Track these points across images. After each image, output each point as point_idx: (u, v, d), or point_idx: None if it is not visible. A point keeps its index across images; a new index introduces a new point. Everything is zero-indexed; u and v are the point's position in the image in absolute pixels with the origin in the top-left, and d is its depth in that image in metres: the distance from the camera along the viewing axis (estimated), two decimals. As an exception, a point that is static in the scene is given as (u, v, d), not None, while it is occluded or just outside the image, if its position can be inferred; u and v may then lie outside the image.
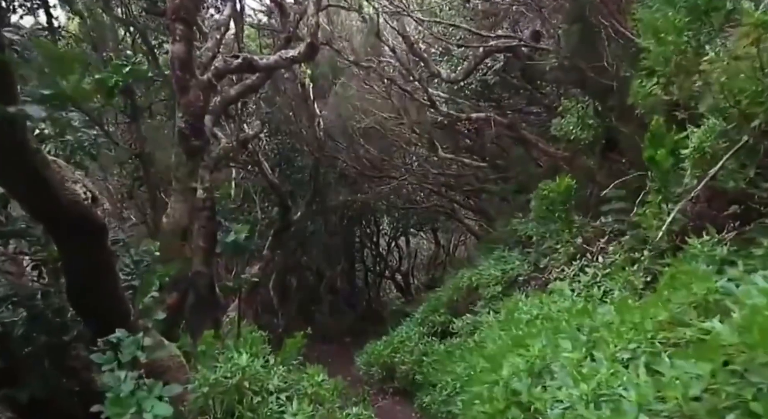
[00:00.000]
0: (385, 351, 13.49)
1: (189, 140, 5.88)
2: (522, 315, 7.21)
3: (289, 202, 15.26)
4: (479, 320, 10.30)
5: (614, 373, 3.78)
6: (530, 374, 4.54)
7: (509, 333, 6.96)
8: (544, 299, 7.23)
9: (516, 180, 11.60)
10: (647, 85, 5.68)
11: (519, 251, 11.97)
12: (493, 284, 11.38)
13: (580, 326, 5.20)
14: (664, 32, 5.57)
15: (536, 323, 6.80)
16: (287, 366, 7.66)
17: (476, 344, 8.43)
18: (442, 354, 10.63)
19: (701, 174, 4.75)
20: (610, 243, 7.56)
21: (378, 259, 26.35)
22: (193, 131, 5.87)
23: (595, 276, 7.29)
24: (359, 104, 14.17)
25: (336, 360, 17.69)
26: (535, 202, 8.62)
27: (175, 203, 5.91)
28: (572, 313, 5.89)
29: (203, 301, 6.84)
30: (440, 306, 13.21)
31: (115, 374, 4.80)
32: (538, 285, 9.76)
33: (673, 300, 4.11)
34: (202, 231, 6.85)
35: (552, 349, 4.75)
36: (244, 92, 8.42)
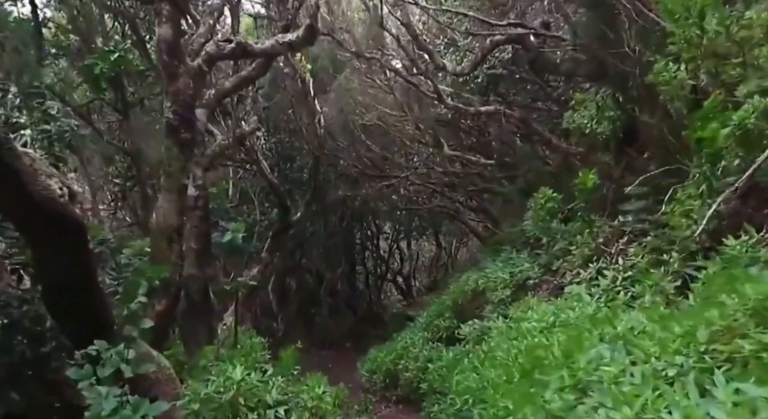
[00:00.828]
0: (388, 357, 13.03)
1: (178, 132, 5.40)
2: (536, 323, 6.73)
3: (289, 203, 14.78)
4: (488, 325, 9.80)
5: (660, 394, 3.29)
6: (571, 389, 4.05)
7: (523, 341, 6.49)
8: (561, 304, 6.74)
9: (524, 178, 11.12)
10: (672, 70, 5.19)
11: (527, 253, 11.48)
12: (500, 287, 10.89)
13: (606, 335, 4.71)
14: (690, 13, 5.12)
15: (553, 331, 6.34)
16: (286, 377, 7.19)
17: (486, 353, 7.93)
18: (449, 361, 10.13)
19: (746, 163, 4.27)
20: (631, 244, 7.08)
21: (379, 261, 25.88)
22: (182, 122, 5.39)
23: (615, 279, 6.81)
24: (361, 98, 13.70)
25: (336, 366, 17.22)
26: (533, 211, 8.17)
27: (164, 201, 5.44)
28: (595, 320, 5.41)
29: (196, 307, 6.36)
30: (445, 310, 12.73)
31: (96, 390, 4.31)
32: (550, 289, 9.28)
33: (723, 307, 3.63)
34: (194, 232, 6.36)
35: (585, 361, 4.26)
36: (240, 84, 7.94)
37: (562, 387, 4.21)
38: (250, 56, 7.02)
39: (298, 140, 16.66)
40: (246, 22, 14.33)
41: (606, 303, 6.52)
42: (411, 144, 15.44)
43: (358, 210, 21.98)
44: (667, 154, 6.26)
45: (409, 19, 9.44)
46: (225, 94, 7.96)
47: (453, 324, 11.93)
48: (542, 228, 8.56)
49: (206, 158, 8.69)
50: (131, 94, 10.81)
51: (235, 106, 10.26)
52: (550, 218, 8.02)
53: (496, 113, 9.25)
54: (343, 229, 22.84)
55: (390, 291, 28.92)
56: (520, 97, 12.02)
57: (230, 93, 8.13)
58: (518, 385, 5.16)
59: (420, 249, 29.58)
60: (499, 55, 11.51)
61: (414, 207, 21.19)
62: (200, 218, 6.37)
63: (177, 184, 5.44)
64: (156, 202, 7.21)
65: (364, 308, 24.27)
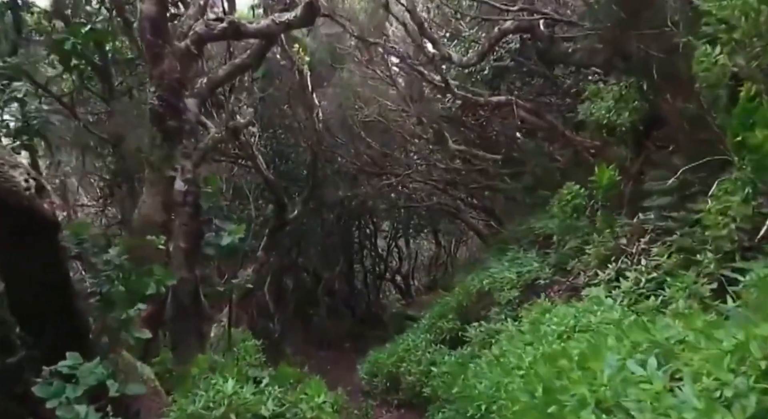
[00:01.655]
0: (389, 359, 12.58)
1: (163, 120, 4.90)
2: (552, 327, 6.25)
3: (285, 200, 14.26)
4: (495, 328, 9.34)
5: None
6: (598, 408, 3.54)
7: (539, 346, 6.01)
8: (581, 308, 6.25)
9: (532, 174, 10.63)
10: (712, 54, 4.70)
11: (535, 252, 11.03)
12: (507, 288, 10.45)
13: (638, 345, 4.22)
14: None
15: (572, 337, 5.87)
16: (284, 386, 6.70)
17: (497, 358, 7.43)
18: (454, 365, 9.66)
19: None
20: (653, 244, 6.60)
21: (377, 260, 25.39)
22: (168, 108, 4.89)
23: (638, 281, 6.33)
24: (360, 90, 13.19)
25: (335, 368, 16.78)
26: (557, 207, 7.68)
27: (148, 195, 4.94)
28: (623, 327, 4.92)
29: (186, 311, 5.87)
30: (448, 311, 12.27)
31: (74, 410, 3.80)
32: (562, 291, 8.81)
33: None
34: (183, 230, 5.86)
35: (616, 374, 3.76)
36: (234, 72, 7.44)
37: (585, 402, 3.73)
38: (243, 37, 6.52)
39: (295, 136, 16.15)
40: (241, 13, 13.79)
41: (629, 307, 6.07)
42: (412, 140, 14.92)
43: (356, 209, 21.48)
44: (697, 147, 5.78)
45: (413, 5, 8.95)
46: (218, 83, 7.45)
47: (457, 326, 11.51)
48: (567, 226, 8.05)
49: (198, 151, 8.17)
50: (119, 84, 10.26)
51: (228, 96, 9.73)
52: (577, 216, 7.53)
53: (507, 103, 8.77)
54: (341, 228, 22.33)
55: (389, 290, 28.48)
56: (527, 90, 11.52)
57: (223, 82, 7.62)
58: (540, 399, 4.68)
59: (419, 248, 29.16)
60: (506, 46, 11.03)
61: (413, 205, 20.72)
62: (189, 215, 5.85)
63: (162, 177, 4.94)
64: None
65: (362, 308, 23.79)
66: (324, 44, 13.95)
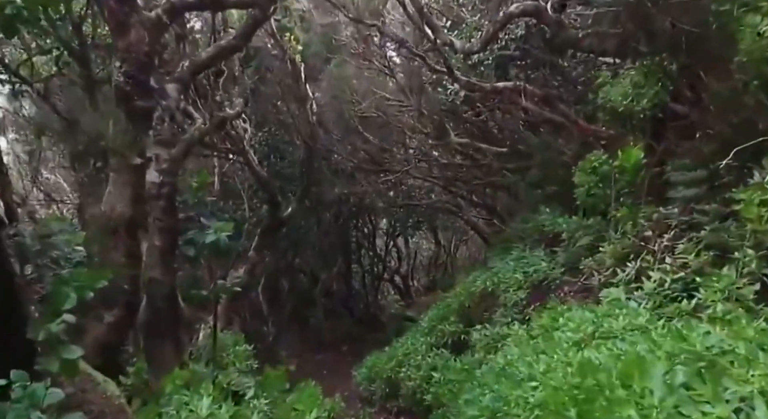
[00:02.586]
0: (387, 364, 12.01)
1: (130, 99, 4.30)
2: (568, 333, 5.64)
3: (279, 198, 13.65)
4: (501, 332, 8.75)
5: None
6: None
7: (554, 355, 5.40)
8: (600, 311, 5.65)
9: (539, 168, 10.03)
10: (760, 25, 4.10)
11: (542, 250, 10.44)
12: (513, 289, 9.87)
13: (676, 355, 3.63)
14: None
15: (591, 344, 5.27)
16: (272, 398, 6.09)
17: (506, 366, 6.82)
18: (458, 371, 9.07)
19: None
20: (679, 240, 6.00)
21: (376, 260, 24.78)
22: (135, 86, 4.29)
23: (663, 282, 5.73)
24: (357, 82, 12.57)
25: (332, 372, 16.24)
26: (581, 177, 7.05)
27: (114, 186, 4.34)
28: (652, 335, 4.33)
29: (161, 317, 5.27)
30: (450, 313, 11.69)
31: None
32: (574, 292, 8.22)
33: None
34: (158, 226, 5.24)
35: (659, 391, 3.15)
36: (218, 55, 6.83)
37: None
38: (224, 6, 5.93)
39: (290, 133, 15.54)
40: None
41: (653, 310, 5.47)
42: (411, 135, 14.29)
43: (354, 207, 20.91)
44: (730, 133, 5.19)
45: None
46: (201, 67, 6.84)
47: (459, 329, 10.95)
48: (596, 197, 7.44)
49: (182, 143, 7.55)
50: (100, 71, 9.60)
51: (213, 83, 9.11)
52: (604, 185, 6.92)
53: (515, 89, 8.17)
54: (338, 227, 21.73)
55: (387, 291, 27.89)
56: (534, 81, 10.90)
57: (207, 65, 7.02)
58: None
59: (418, 248, 28.59)
60: (510, 34, 10.43)
61: (413, 203, 20.13)
62: (165, 210, 5.23)
63: (128, 164, 4.34)
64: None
65: (360, 309, 23.19)
66: (318, 35, 13.33)
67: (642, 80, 6.95)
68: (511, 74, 10.67)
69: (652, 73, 6.78)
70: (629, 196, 7.62)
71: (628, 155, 6.01)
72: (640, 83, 6.91)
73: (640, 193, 7.25)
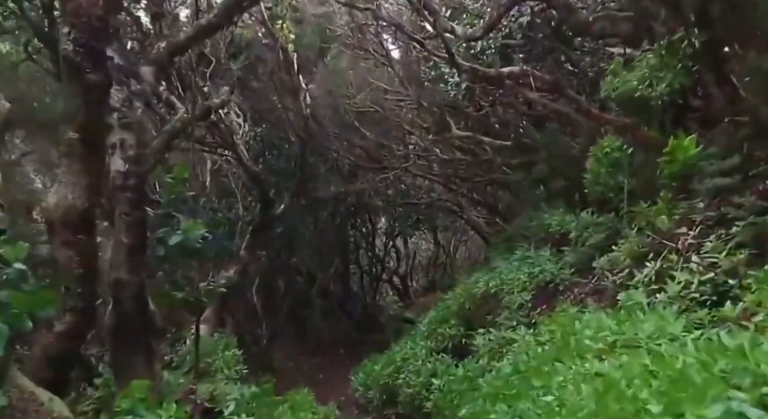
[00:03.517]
0: (385, 369, 11.47)
1: (80, 71, 3.71)
2: (587, 341, 5.06)
3: (272, 195, 13.06)
4: (507, 337, 8.17)
5: None
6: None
7: (571, 366, 4.82)
8: (620, 317, 5.06)
9: (546, 163, 9.46)
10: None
11: (549, 250, 9.88)
12: (518, 290, 9.33)
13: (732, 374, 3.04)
14: None
15: (613, 354, 4.69)
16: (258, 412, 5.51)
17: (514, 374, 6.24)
18: (460, 378, 8.51)
19: None
20: (705, 238, 5.43)
21: (374, 261, 24.21)
22: (87, 57, 3.70)
23: (689, 284, 5.16)
24: (352, 74, 11.99)
25: (329, 376, 15.70)
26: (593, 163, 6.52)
27: (67, 173, 3.77)
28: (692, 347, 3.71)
29: (129, 323, 4.69)
30: (450, 316, 11.14)
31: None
32: (584, 294, 7.65)
33: None
34: (125, 222, 4.65)
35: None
36: (199, 35, 6.23)
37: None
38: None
39: (284, 127, 14.94)
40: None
41: (679, 316, 4.89)
42: (411, 129, 13.70)
43: (352, 206, 20.37)
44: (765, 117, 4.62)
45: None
46: (180, 48, 6.25)
47: (460, 333, 10.42)
48: (605, 185, 6.90)
49: (164, 134, 6.98)
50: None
51: (196, 69, 8.52)
52: (614, 171, 6.39)
53: (522, 75, 7.60)
54: (336, 226, 21.16)
55: (386, 291, 27.33)
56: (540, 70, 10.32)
57: (187, 46, 6.41)
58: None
59: (417, 248, 28.06)
60: (514, 21, 9.86)
61: (412, 201, 19.59)
62: (132, 203, 4.62)
63: (84, 150, 3.76)
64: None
65: (359, 310, 22.61)
66: (312, 25, 12.75)
67: (659, 63, 6.37)
68: (516, 64, 10.10)
69: (671, 54, 6.20)
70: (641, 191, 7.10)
71: (680, 145, 5.41)
72: (657, 66, 6.33)
73: (656, 187, 6.68)
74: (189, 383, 5.92)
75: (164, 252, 5.48)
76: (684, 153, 5.46)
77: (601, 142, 6.71)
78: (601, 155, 6.59)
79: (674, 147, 5.56)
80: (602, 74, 8.58)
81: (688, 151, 5.47)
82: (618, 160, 6.39)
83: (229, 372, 9.07)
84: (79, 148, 3.75)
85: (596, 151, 6.72)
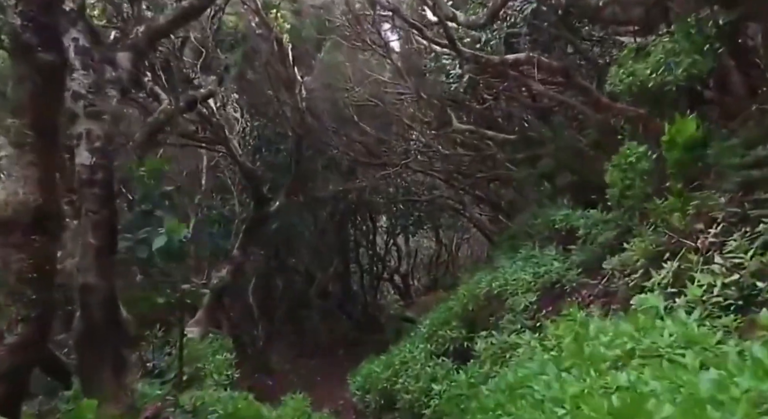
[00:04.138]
0: (383, 373, 11.02)
1: (31, 51, 3.28)
2: (602, 349, 4.61)
3: (265, 191, 12.63)
4: (510, 341, 7.75)
5: None
6: None
7: (586, 377, 4.38)
8: (636, 322, 4.62)
9: (552, 157, 9.01)
10: None
11: (555, 248, 9.45)
12: (522, 291, 8.91)
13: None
14: None
15: (630, 363, 4.27)
16: None
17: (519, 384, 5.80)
18: (461, 385, 8.07)
19: None
20: (728, 236, 4.99)
21: (375, 259, 23.77)
22: (38, 34, 3.27)
23: (711, 286, 4.73)
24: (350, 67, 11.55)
25: (327, 378, 15.29)
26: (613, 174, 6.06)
27: (17, 166, 3.35)
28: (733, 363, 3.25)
29: (97, 330, 4.27)
30: (452, 317, 10.72)
31: None
32: (593, 296, 7.21)
33: None
34: (92, 221, 4.22)
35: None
36: (179, 19, 5.78)
37: None
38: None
39: (282, 122, 14.51)
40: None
41: (702, 322, 4.45)
42: (411, 123, 13.24)
43: (352, 204, 19.94)
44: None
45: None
46: (160, 33, 5.81)
47: (462, 335, 9.99)
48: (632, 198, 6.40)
49: (145, 126, 6.56)
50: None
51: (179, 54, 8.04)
52: (643, 184, 5.91)
53: (528, 62, 7.15)
54: (336, 224, 20.73)
55: (387, 290, 26.93)
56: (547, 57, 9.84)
57: (167, 31, 5.98)
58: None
59: (419, 247, 27.67)
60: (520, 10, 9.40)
61: (413, 199, 19.17)
62: (100, 200, 4.18)
63: (34, 137, 3.34)
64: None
65: (358, 310, 22.18)
66: (309, 16, 12.30)
67: (676, 47, 5.92)
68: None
69: (690, 37, 5.75)
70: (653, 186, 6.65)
71: (679, 127, 4.95)
72: (674, 50, 5.88)
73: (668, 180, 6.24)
74: (168, 393, 5.49)
75: (147, 255, 5.08)
76: (683, 136, 5.00)
77: (622, 150, 6.20)
78: (625, 165, 6.07)
79: (672, 130, 5.09)
80: (611, 64, 8.16)
81: (687, 132, 5.01)
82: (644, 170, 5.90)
83: (219, 377, 8.66)
84: (31, 136, 3.34)
85: (618, 159, 6.22)
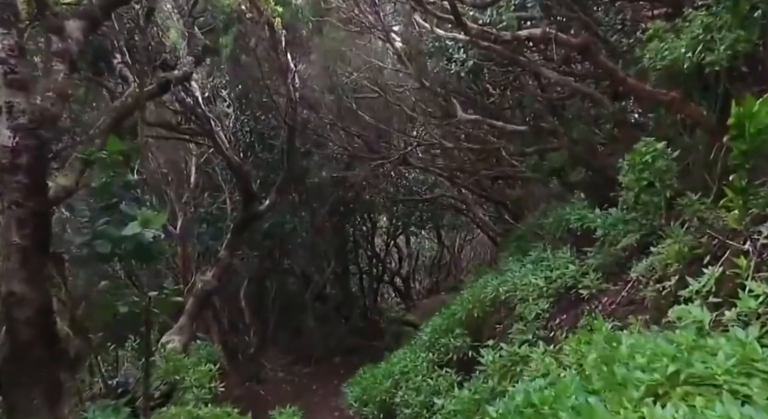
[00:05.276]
0: (382, 383, 10.27)
1: None
2: (637, 372, 3.81)
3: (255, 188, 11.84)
4: (521, 353, 6.95)
5: None
6: None
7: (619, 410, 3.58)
8: (684, 340, 3.82)
9: (569, 148, 8.20)
10: None
11: (569, 251, 8.65)
12: (534, 297, 8.13)
13: None
14: None
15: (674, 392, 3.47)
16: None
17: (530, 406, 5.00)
18: (466, 401, 7.28)
19: None
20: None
21: (374, 261, 22.98)
22: None
23: (767, 295, 3.93)
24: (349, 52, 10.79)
25: (324, 387, 14.53)
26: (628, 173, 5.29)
27: None
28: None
29: (27, 351, 3.49)
30: (455, 325, 9.97)
31: None
32: (617, 305, 6.40)
33: None
34: (15, 216, 3.45)
35: None
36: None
37: None
38: None
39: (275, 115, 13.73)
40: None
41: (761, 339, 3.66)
42: (412, 113, 12.43)
43: (351, 203, 19.19)
44: None
45: None
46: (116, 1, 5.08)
47: (466, 344, 9.23)
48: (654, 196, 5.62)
49: (112, 111, 5.80)
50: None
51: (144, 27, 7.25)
52: (662, 186, 5.13)
53: (544, 38, 6.36)
54: (334, 225, 19.93)
55: (387, 293, 26.16)
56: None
57: (125, 0, 5.25)
58: None
59: (420, 248, 26.94)
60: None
61: (414, 198, 18.42)
62: (26, 189, 3.40)
63: None
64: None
65: (357, 314, 21.37)
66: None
67: (716, 21, 5.13)
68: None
69: (732, 9, 4.96)
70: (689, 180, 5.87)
71: (748, 112, 4.13)
72: (715, 25, 5.09)
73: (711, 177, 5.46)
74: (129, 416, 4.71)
75: (109, 251, 4.28)
76: (756, 124, 4.20)
77: (636, 148, 5.41)
78: (639, 165, 5.27)
79: (740, 116, 4.27)
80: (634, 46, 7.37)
81: (761, 119, 4.21)
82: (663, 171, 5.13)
83: (199, 391, 7.88)
84: None
85: (631, 159, 5.43)
